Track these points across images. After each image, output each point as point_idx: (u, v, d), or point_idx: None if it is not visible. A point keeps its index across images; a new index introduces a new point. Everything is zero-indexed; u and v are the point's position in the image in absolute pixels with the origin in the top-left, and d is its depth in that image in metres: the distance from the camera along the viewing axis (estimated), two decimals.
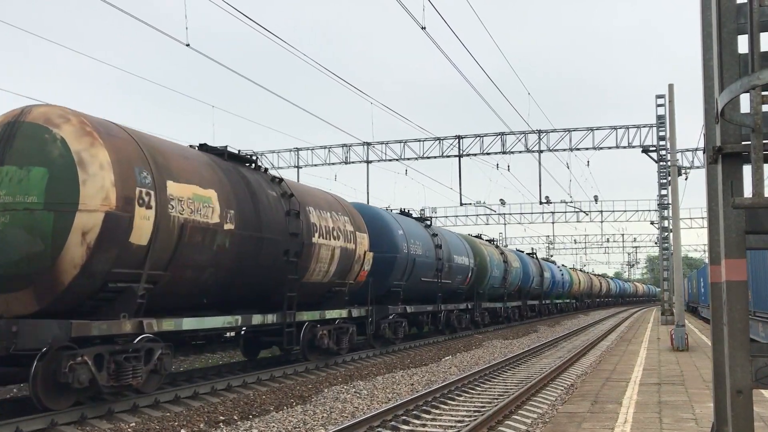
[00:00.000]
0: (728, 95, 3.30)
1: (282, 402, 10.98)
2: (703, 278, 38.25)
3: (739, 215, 3.53)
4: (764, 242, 3.92)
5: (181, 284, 10.97)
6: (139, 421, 9.30)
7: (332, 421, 9.65)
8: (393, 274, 19.51)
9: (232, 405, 10.53)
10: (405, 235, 20.34)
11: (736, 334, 3.48)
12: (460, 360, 18.03)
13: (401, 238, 20.00)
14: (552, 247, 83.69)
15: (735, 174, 3.57)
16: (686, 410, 9.08)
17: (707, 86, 4.15)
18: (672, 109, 22.18)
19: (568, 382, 13.94)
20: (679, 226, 21.45)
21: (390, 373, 14.92)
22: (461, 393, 12.19)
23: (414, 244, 20.70)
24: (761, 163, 3.20)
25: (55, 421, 8.75)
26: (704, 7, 4.27)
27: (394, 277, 19.62)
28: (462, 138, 34.80)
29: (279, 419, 9.69)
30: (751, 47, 3.32)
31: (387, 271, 19.20)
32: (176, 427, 9.04)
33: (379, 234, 18.98)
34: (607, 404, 9.62)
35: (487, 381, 13.89)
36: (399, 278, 19.91)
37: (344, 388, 12.40)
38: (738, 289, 3.52)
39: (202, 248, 11.03)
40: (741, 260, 3.52)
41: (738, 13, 3.62)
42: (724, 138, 3.60)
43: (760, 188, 3.20)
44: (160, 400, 10.53)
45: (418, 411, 10.24)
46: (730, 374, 3.47)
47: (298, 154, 38.24)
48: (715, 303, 4.01)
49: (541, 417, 10.16)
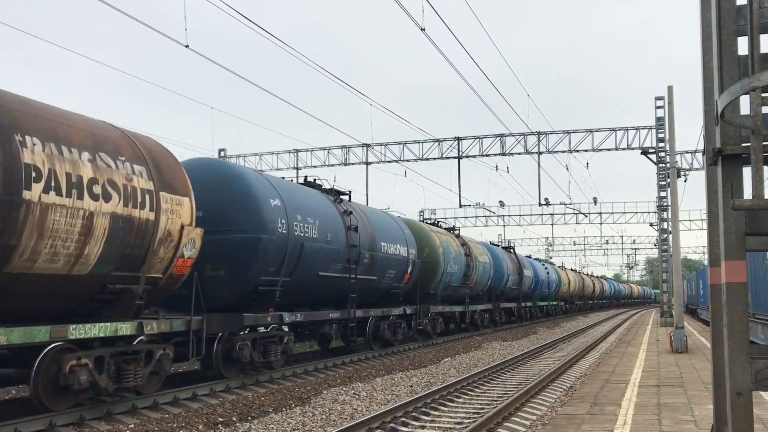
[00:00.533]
0: (728, 97, 3.30)
1: (281, 404, 10.97)
2: (702, 280, 38.27)
3: (738, 217, 3.53)
4: (764, 244, 3.91)
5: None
6: (137, 423, 9.28)
7: (331, 423, 9.64)
8: (257, 263, 12.82)
9: (230, 406, 10.52)
10: (285, 207, 13.77)
11: (736, 336, 3.48)
12: (459, 362, 18.01)
13: (274, 212, 13.33)
14: (551, 248, 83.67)
15: (735, 176, 3.57)
16: (685, 412, 9.07)
17: (707, 88, 4.15)
18: (671, 111, 22.19)
19: (568, 383, 13.94)
20: (678, 227, 21.46)
21: (389, 374, 14.91)
22: (460, 395, 12.18)
23: (304, 222, 14.36)
24: (761, 165, 3.19)
25: (54, 423, 8.74)
26: (704, 9, 4.27)
27: (257, 268, 12.89)
28: (461, 139, 34.80)
29: (278, 421, 9.68)
30: (751, 49, 3.32)
31: (248, 261, 12.72)
32: (175, 429, 9.03)
33: (239, 203, 12.94)
34: (606, 406, 9.61)
35: (486, 383, 13.88)
36: (265, 271, 13.17)
37: (343, 390, 12.39)
38: (738, 291, 3.51)
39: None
40: (741, 262, 3.52)
41: (738, 14, 3.62)
42: (724, 140, 3.60)
43: (759, 190, 3.19)
44: (158, 401, 10.51)
45: (417, 413, 10.23)
46: (730, 376, 3.47)
47: (297, 156, 38.24)
48: (715, 305, 4.01)
49: (541, 419, 10.15)
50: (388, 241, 18.92)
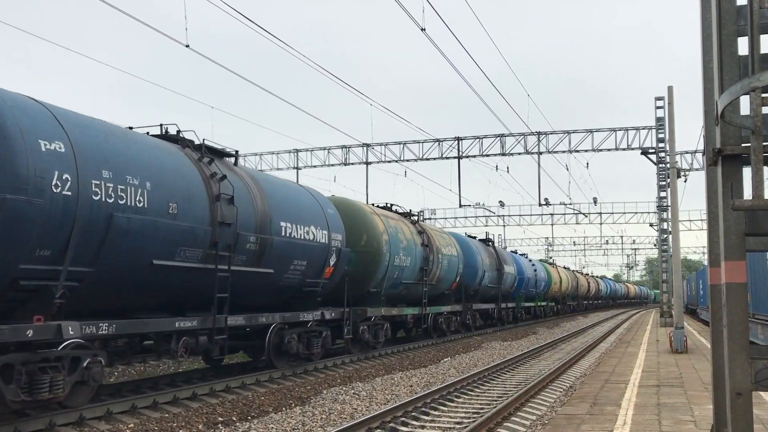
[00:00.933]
0: (728, 97, 3.30)
1: (281, 403, 10.97)
2: (702, 280, 38.28)
3: (738, 217, 3.53)
4: (764, 244, 3.91)
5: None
6: (137, 422, 9.29)
7: (331, 423, 9.64)
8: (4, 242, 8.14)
9: (230, 406, 10.52)
10: (74, 155, 8.99)
11: (736, 337, 3.48)
12: (459, 361, 18.02)
13: (45, 161, 8.52)
14: (551, 249, 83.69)
15: (735, 176, 3.57)
16: (685, 412, 9.07)
17: (707, 88, 4.15)
18: (671, 111, 22.19)
19: (567, 383, 13.94)
20: (678, 228, 21.46)
21: (389, 374, 14.91)
22: (460, 395, 12.19)
23: (116, 182, 9.50)
24: (761, 165, 3.20)
25: (54, 422, 8.74)
26: (704, 9, 4.27)
27: (7, 250, 8.21)
28: (461, 139, 34.81)
29: (278, 420, 9.68)
30: (751, 49, 3.32)
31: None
32: (175, 428, 9.03)
33: None
34: (606, 406, 9.61)
35: (486, 383, 13.88)
36: (29, 256, 8.44)
37: (343, 390, 12.39)
38: (737, 292, 3.51)
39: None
40: (740, 262, 3.52)
41: (738, 15, 3.62)
42: (724, 140, 3.60)
43: (759, 190, 3.19)
44: (158, 401, 10.52)
45: (417, 413, 10.23)
46: (730, 376, 3.47)
47: (297, 156, 38.26)
48: (715, 305, 4.01)
49: (540, 419, 10.16)
50: (294, 221, 13.94)
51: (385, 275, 18.83)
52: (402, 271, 19.98)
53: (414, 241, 21.11)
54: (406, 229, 21.01)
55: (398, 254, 19.48)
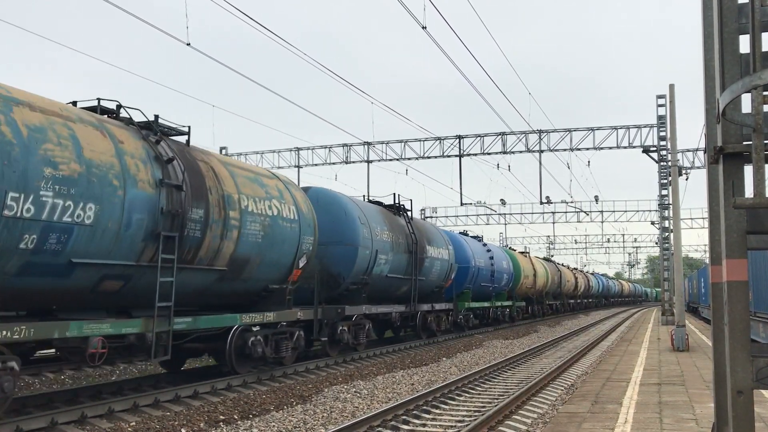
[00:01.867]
0: (729, 95, 3.29)
1: (282, 401, 10.98)
2: (703, 278, 38.28)
3: (740, 215, 3.52)
4: (765, 242, 3.91)
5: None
6: (139, 420, 9.30)
7: (332, 421, 9.65)
8: None
9: (232, 404, 10.53)
10: None
11: (737, 335, 3.48)
12: (461, 360, 18.02)
13: None
14: (552, 247, 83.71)
15: (736, 174, 3.57)
16: (686, 410, 9.07)
17: (708, 86, 4.14)
18: (673, 110, 22.17)
19: (569, 382, 13.94)
20: (679, 226, 21.44)
21: (390, 372, 14.92)
22: (461, 393, 12.19)
23: None
24: (762, 163, 3.19)
25: (56, 420, 8.75)
26: (705, 7, 4.26)
27: None
28: (462, 138, 34.78)
29: (279, 419, 9.69)
30: (753, 47, 3.31)
31: None
32: (176, 427, 9.04)
33: None
34: (607, 404, 9.61)
35: (487, 381, 13.89)
36: None
37: (344, 388, 12.40)
38: (739, 290, 3.51)
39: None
40: (742, 260, 3.52)
41: (739, 13, 3.62)
42: (726, 138, 3.60)
43: (761, 188, 3.19)
44: (160, 399, 10.53)
45: (419, 411, 10.24)
46: (731, 375, 3.47)
47: (298, 154, 38.26)
48: (716, 303, 4.01)
49: (542, 417, 10.16)
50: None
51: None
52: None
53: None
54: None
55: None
